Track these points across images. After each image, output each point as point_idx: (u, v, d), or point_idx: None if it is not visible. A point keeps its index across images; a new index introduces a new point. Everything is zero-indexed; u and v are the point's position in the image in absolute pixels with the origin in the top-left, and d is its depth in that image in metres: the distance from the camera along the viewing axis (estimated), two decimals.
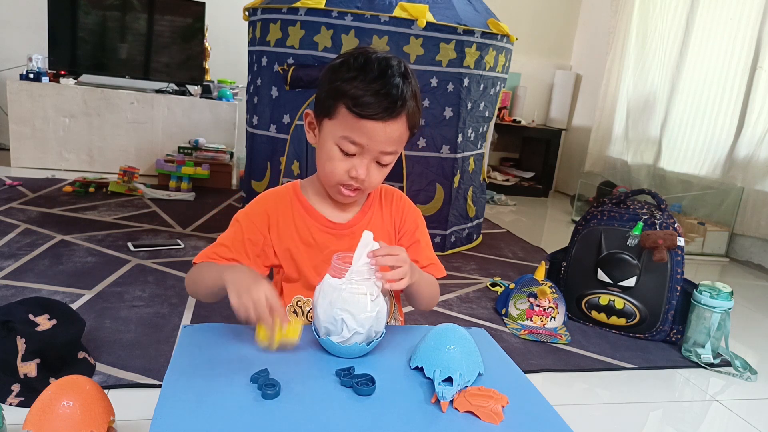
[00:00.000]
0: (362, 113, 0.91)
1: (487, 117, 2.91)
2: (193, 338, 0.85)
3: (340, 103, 0.92)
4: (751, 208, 3.34)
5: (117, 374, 1.46)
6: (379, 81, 0.91)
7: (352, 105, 0.91)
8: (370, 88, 0.90)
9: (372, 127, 0.92)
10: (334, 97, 0.93)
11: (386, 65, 0.92)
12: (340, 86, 0.92)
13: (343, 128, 0.93)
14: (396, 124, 0.93)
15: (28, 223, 2.61)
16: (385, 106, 0.91)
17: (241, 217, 1.04)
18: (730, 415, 1.66)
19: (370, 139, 0.93)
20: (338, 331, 0.81)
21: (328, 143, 0.96)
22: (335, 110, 0.94)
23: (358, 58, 0.93)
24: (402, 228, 1.10)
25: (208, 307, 1.93)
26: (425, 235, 1.11)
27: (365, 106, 0.90)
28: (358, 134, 0.93)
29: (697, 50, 3.77)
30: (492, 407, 0.71)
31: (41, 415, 0.97)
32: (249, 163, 2.98)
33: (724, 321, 1.93)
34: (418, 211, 1.13)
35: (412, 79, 0.95)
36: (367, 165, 0.96)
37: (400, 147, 0.98)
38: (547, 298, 2.08)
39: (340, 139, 0.94)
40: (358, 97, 0.90)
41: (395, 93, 0.91)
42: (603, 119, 4.59)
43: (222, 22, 4.26)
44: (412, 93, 0.94)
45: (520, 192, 4.89)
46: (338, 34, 2.47)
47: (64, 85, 3.74)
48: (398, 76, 0.92)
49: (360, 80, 0.91)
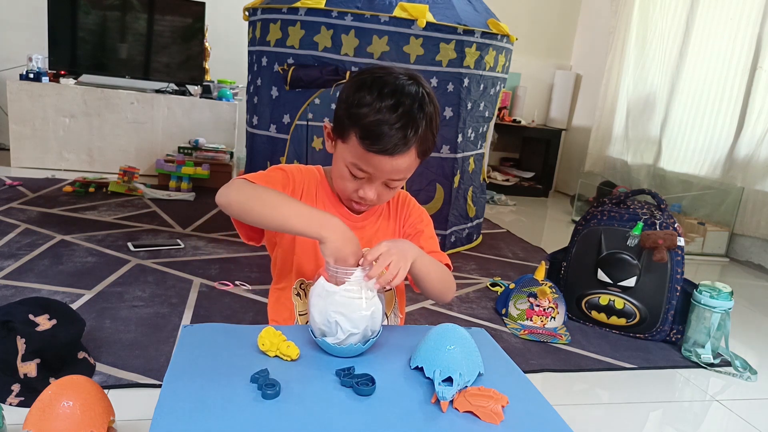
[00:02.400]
0: (371, 148, 0.91)
1: (487, 117, 2.91)
2: (193, 338, 0.85)
3: (351, 130, 0.93)
4: (751, 208, 3.34)
5: (117, 374, 1.46)
6: (393, 114, 0.89)
7: (362, 136, 0.91)
8: (383, 121, 0.89)
9: (379, 161, 0.92)
10: (347, 121, 0.93)
11: (402, 94, 0.90)
12: (354, 112, 0.91)
13: (353, 155, 0.94)
14: (405, 157, 0.93)
15: (28, 223, 2.61)
16: (394, 143, 0.90)
17: (286, 168, 1.04)
18: (730, 415, 1.66)
19: (377, 170, 0.94)
20: (333, 333, 0.82)
21: (340, 163, 0.98)
22: (347, 135, 0.94)
23: (376, 82, 0.91)
24: (407, 222, 1.11)
25: (208, 307, 1.93)
26: (429, 228, 1.12)
27: (374, 140, 0.90)
28: (365, 164, 0.94)
29: (697, 50, 3.77)
30: (492, 407, 0.71)
31: (41, 415, 0.97)
32: (249, 163, 2.98)
33: (724, 321, 1.93)
34: (424, 209, 1.15)
35: (428, 107, 0.92)
36: (375, 188, 0.98)
37: (409, 173, 0.99)
38: (547, 298, 2.08)
39: (350, 164, 0.96)
40: (368, 130, 0.90)
41: (406, 128, 0.89)
42: (603, 119, 4.59)
43: (222, 22, 4.26)
44: (428, 122, 0.92)
45: (520, 192, 4.89)
46: (338, 34, 2.47)
47: (64, 85, 3.74)
48: (415, 106, 0.90)
49: (374, 109, 0.89)
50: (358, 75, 0.97)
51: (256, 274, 2.28)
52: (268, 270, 1.16)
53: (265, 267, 2.33)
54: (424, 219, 1.12)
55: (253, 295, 2.08)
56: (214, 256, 2.45)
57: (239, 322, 0.92)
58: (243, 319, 1.87)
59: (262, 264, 2.40)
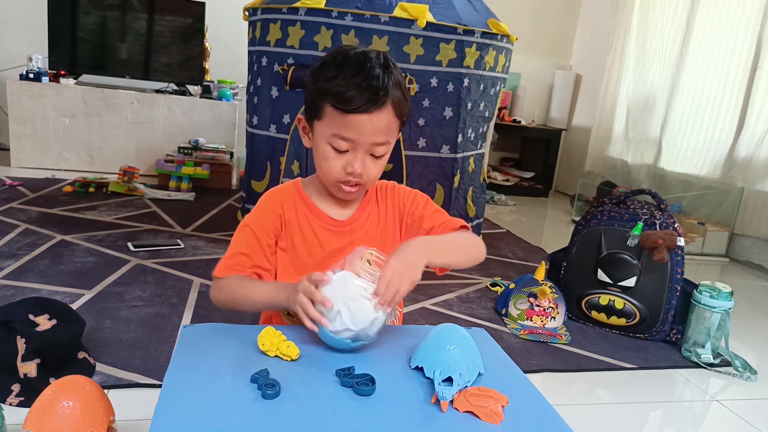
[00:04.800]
0: (346, 108, 0.92)
1: (487, 117, 2.91)
2: (193, 338, 0.85)
3: (325, 102, 0.94)
4: (751, 208, 3.34)
5: (117, 374, 1.46)
6: (359, 75, 0.92)
7: (336, 102, 0.93)
8: (352, 83, 0.92)
9: (358, 120, 0.93)
10: (318, 97, 0.95)
11: (365, 59, 0.94)
12: (323, 86, 0.94)
13: (332, 126, 0.95)
14: (382, 114, 0.94)
15: (28, 223, 2.61)
16: (367, 98, 0.92)
17: (252, 222, 1.03)
18: (730, 415, 1.66)
19: (358, 133, 0.94)
20: (332, 320, 0.82)
21: (321, 143, 0.98)
22: (322, 110, 0.96)
23: (337, 57, 0.96)
24: (405, 213, 1.09)
25: (208, 307, 1.93)
26: (429, 205, 1.09)
27: (348, 101, 0.92)
28: (346, 130, 0.94)
29: (698, 50, 3.77)
30: (492, 407, 0.71)
31: (41, 415, 0.97)
32: (249, 163, 2.98)
33: (724, 321, 1.93)
34: (416, 191, 1.12)
35: (394, 70, 0.96)
36: (361, 159, 0.97)
37: (391, 137, 0.98)
38: (547, 298, 2.08)
39: (330, 138, 0.96)
40: (340, 93, 0.92)
41: (376, 84, 0.92)
42: (603, 119, 4.59)
43: (222, 22, 4.26)
44: (395, 82, 0.95)
45: (520, 192, 4.89)
46: (338, 34, 2.46)
47: (64, 85, 3.74)
48: (378, 67, 0.94)
49: (341, 77, 0.93)
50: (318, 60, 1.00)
51: None
52: None
53: None
54: (419, 201, 1.09)
55: None
56: (214, 256, 2.44)
57: (239, 322, 0.92)
58: (243, 319, 1.86)
59: None
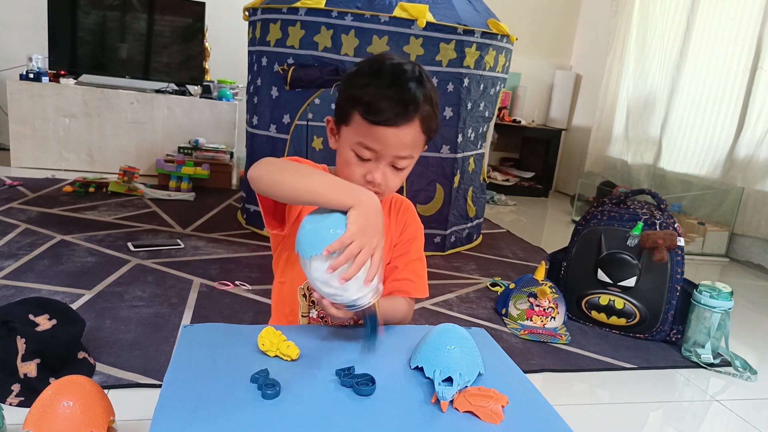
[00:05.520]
0: (374, 119, 0.92)
1: (487, 117, 2.91)
2: (193, 338, 0.85)
3: (354, 110, 0.94)
4: (751, 208, 3.34)
5: (117, 374, 1.46)
6: (391, 87, 0.92)
7: (364, 112, 0.92)
8: (383, 94, 0.91)
9: (384, 132, 0.92)
10: (348, 103, 0.95)
11: (400, 71, 0.93)
12: (354, 93, 0.93)
13: (358, 134, 0.94)
14: (409, 128, 0.93)
15: (28, 223, 2.61)
16: (396, 112, 0.91)
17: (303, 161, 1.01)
18: (730, 415, 1.66)
19: (383, 145, 0.94)
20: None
21: (345, 149, 0.97)
22: (350, 117, 0.95)
23: (372, 65, 0.95)
24: (401, 237, 1.10)
25: (208, 307, 1.93)
26: (419, 251, 1.11)
27: (377, 112, 0.91)
28: (371, 140, 0.94)
29: (698, 50, 3.77)
30: (492, 407, 0.71)
31: (41, 415, 0.97)
32: (249, 163, 2.98)
33: (724, 321, 1.93)
34: (422, 226, 1.14)
35: (428, 84, 0.95)
36: (382, 170, 0.96)
37: (415, 152, 0.98)
38: (547, 298, 2.08)
39: (355, 145, 0.95)
40: (370, 103, 0.91)
41: (407, 98, 0.91)
42: (603, 119, 4.59)
43: (222, 22, 4.26)
44: (426, 97, 0.94)
45: (520, 192, 4.89)
46: (338, 34, 2.47)
47: (64, 85, 3.74)
48: (412, 80, 0.93)
49: (373, 87, 0.92)
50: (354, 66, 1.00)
51: (256, 274, 2.28)
52: (268, 270, 1.16)
53: (265, 267, 2.33)
54: (417, 239, 1.12)
55: (253, 295, 2.08)
56: (214, 256, 2.45)
57: (239, 322, 0.92)
58: (243, 319, 1.87)
59: (262, 264, 2.40)
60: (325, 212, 0.82)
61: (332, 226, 0.80)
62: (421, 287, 1.09)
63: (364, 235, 0.79)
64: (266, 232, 1.10)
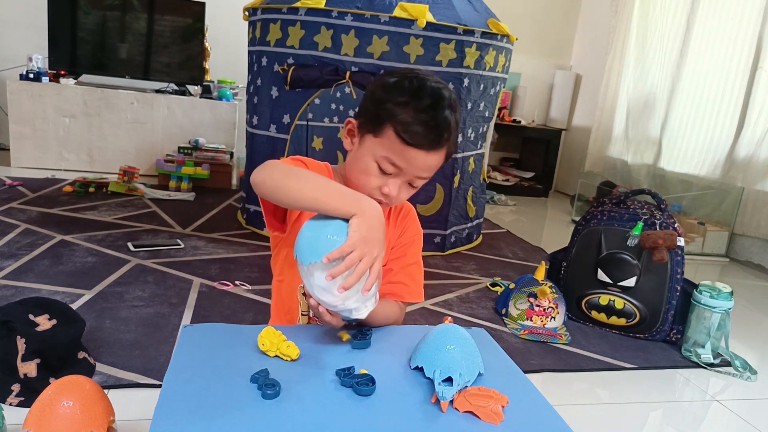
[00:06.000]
0: (409, 141, 0.92)
1: (487, 117, 2.91)
2: (193, 338, 0.85)
3: (388, 125, 0.94)
4: (751, 208, 3.34)
5: (117, 374, 1.46)
6: (430, 111, 0.92)
7: (400, 130, 0.92)
8: (421, 118, 0.92)
9: (415, 154, 0.94)
10: (383, 116, 0.94)
11: (439, 96, 0.94)
12: (392, 108, 0.93)
13: (386, 149, 0.95)
14: (437, 154, 0.96)
15: (28, 223, 2.61)
16: (431, 139, 0.93)
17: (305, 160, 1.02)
18: (730, 415, 1.66)
19: (409, 165, 0.95)
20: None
21: (367, 158, 0.97)
22: (382, 130, 0.95)
23: (413, 83, 0.95)
24: (399, 240, 1.10)
25: (208, 307, 1.93)
26: (416, 255, 1.11)
27: (413, 134, 0.92)
28: (399, 158, 0.94)
29: (698, 50, 3.77)
30: (492, 407, 0.71)
31: (41, 415, 0.97)
32: (249, 163, 2.98)
33: (724, 321, 1.93)
34: (421, 231, 1.15)
35: (458, 112, 0.98)
36: (399, 185, 0.98)
37: (432, 174, 1.00)
38: (547, 298, 2.08)
39: (380, 158, 0.96)
40: (407, 123, 0.92)
41: (442, 126, 0.93)
42: (603, 119, 4.59)
43: (222, 22, 4.26)
44: (456, 125, 0.97)
45: (520, 192, 4.89)
46: (338, 34, 2.47)
47: (64, 85, 3.74)
48: (448, 108, 0.94)
49: (412, 107, 0.92)
50: (388, 76, 0.99)
51: (256, 274, 2.28)
52: (268, 270, 1.16)
53: (265, 267, 2.32)
54: (414, 243, 1.13)
55: (253, 295, 2.08)
56: (214, 256, 2.44)
57: (239, 322, 0.92)
58: (243, 319, 1.87)
59: (262, 264, 2.40)
60: (326, 218, 0.82)
61: (333, 233, 0.80)
62: (415, 292, 1.09)
63: (366, 244, 0.79)
64: (266, 232, 1.10)
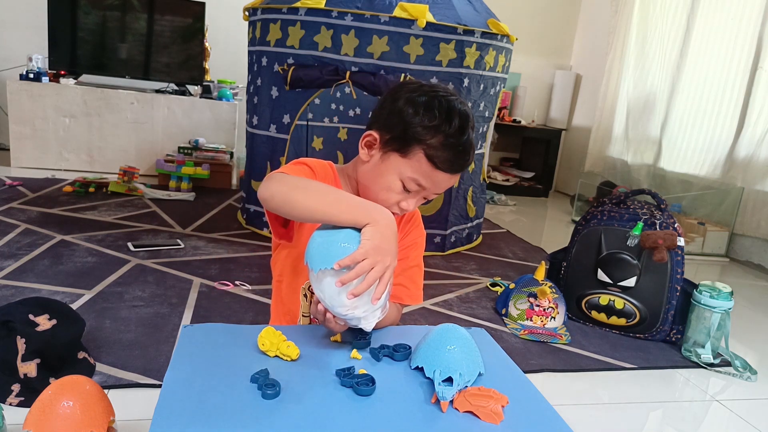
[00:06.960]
0: (440, 166, 0.95)
1: (487, 117, 2.91)
2: (193, 338, 0.85)
3: (418, 148, 0.95)
4: (751, 208, 3.34)
5: (117, 374, 1.46)
6: (458, 136, 0.95)
7: (431, 155, 0.95)
8: (451, 144, 0.95)
9: (442, 177, 0.97)
10: (413, 138, 0.95)
11: (466, 119, 0.97)
12: (422, 132, 0.94)
13: (414, 171, 0.96)
14: (459, 175, 1.01)
15: (28, 223, 2.61)
16: (461, 164, 0.98)
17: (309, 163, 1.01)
18: (730, 415, 1.66)
19: (435, 185, 0.98)
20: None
21: (392, 176, 0.98)
22: (411, 151, 0.96)
23: (442, 104, 0.96)
24: (402, 242, 1.10)
25: (208, 307, 1.93)
26: (418, 258, 1.12)
27: (444, 160, 0.95)
28: (426, 179, 0.97)
29: (698, 50, 3.77)
30: (492, 407, 0.71)
31: (41, 415, 0.97)
32: (249, 163, 2.98)
33: (724, 321, 1.93)
34: (424, 234, 1.16)
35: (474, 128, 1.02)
36: (417, 201, 1.01)
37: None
38: (547, 298, 2.08)
39: (407, 179, 0.97)
40: (438, 149, 0.94)
41: (470, 152, 0.98)
42: (603, 119, 4.59)
43: (222, 22, 4.26)
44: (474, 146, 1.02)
45: (520, 192, 4.89)
46: (338, 34, 2.47)
47: (64, 85, 3.74)
48: (471, 130, 0.98)
49: (443, 131, 0.94)
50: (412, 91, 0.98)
51: (256, 274, 2.28)
52: (268, 270, 1.16)
53: (265, 267, 2.32)
54: (417, 246, 1.14)
55: (253, 295, 2.08)
56: (214, 256, 2.44)
57: (239, 322, 0.92)
58: (243, 319, 1.87)
59: (262, 264, 2.40)
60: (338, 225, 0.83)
61: (344, 240, 0.80)
62: (414, 294, 1.10)
63: (378, 253, 0.79)
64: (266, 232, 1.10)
